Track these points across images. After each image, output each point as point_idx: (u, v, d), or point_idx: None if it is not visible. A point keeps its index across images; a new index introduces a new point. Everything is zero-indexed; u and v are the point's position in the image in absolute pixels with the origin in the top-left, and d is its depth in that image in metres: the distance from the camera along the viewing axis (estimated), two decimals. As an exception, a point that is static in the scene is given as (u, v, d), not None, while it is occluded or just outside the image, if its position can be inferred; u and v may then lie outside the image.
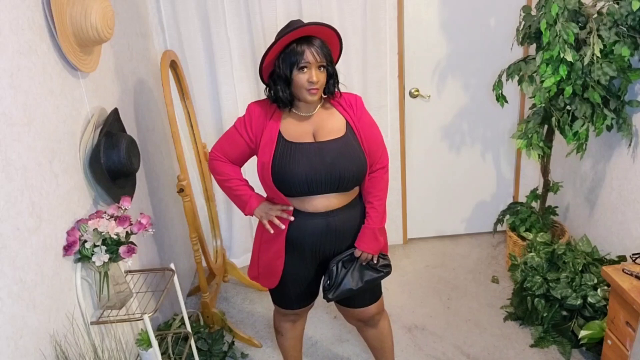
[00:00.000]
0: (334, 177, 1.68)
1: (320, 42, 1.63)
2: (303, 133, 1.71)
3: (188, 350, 2.01)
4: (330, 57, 1.66)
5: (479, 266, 3.06)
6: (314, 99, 1.66)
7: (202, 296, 2.45)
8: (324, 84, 1.67)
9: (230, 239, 3.16)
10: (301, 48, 1.60)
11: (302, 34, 1.61)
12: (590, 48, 2.07)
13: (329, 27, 1.64)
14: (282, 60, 1.63)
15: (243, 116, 1.78)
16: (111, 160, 1.72)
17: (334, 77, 1.70)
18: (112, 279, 1.62)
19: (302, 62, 1.60)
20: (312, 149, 1.69)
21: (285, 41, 1.61)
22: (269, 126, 1.72)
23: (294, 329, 2.08)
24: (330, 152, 1.68)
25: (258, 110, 1.75)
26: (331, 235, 1.77)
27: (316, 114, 1.73)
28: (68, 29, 1.59)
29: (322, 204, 1.73)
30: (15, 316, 1.28)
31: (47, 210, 1.45)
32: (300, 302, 1.95)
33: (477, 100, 3.01)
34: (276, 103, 1.71)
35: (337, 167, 1.68)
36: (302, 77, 1.61)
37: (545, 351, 2.37)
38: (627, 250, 2.34)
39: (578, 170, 2.75)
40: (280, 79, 1.65)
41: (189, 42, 2.72)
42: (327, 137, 1.70)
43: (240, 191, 1.82)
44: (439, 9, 2.82)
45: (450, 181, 3.20)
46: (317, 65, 1.62)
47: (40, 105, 1.46)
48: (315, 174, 1.67)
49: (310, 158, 1.67)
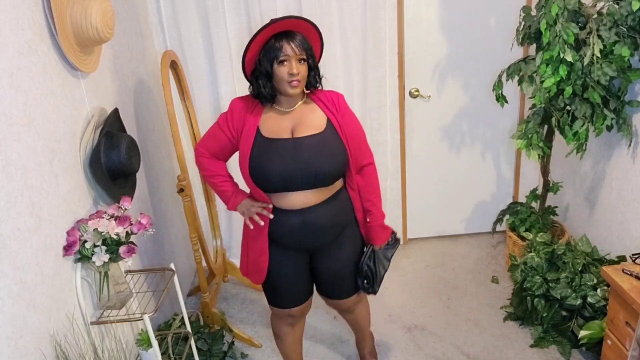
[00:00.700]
0: (310, 174, 1.70)
1: (300, 36, 1.67)
2: (281, 129, 1.73)
3: (188, 350, 2.01)
4: (310, 51, 1.70)
5: (479, 266, 3.06)
6: (296, 92, 1.69)
7: (202, 296, 2.45)
8: (305, 77, 1.70)
9: (230, 239, 3.16)
10: (280, 43, 1.64)
11: (279, 29, 1.65)
12: (590, 48, 2.07)
13: (305, 20, 1.68)
14: (263, 56, 1.67)
15: (226, 112, 1.82)
16: (111, 160, 1.72)
17: (314, 70, 1.73)
18: (112, 279, 1.63)
19: (282, 55, 1.64)
20: (288, 146, 1.71)
21: (263, 37, 1.64)
22: (249, 121, 1.75)
23: (293, 333, 2.08)
24: (306, 148, 1.70)
25: (240, 105, 1.79)
26: (309, 231, 1.79)
27: (297, 109, 1.75)
28: (68, 29, 1.59)
29: (298, 201, 1.75)
30: (16, 316, 1.28)
31: (47, 210, 1.45)
32: (293, 300, 1.96)
33: (477, 100, 3.01)
34: (258, 99, 1.74)
35: (313, 164, 1.69)
36: (282, 70, 1.65)
37: (545, 351, 2.38)
38: (626, 250, 2.34)
39: (578, 171, 2.75)
40: (261, 75, 1.69)
41: (189, 42, 2.72)
42: (305, 133, 1.72)
43: (224, 187, 1.87)
44: (439, 9, 2.82)
45: (450, 181, 3.20)
46: (296, 58, 1.65)
47: (41, 105, 1.46)
48: (290, 171, 1.69)
49: (285, 155, 1.70)
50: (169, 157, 2.77)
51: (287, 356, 2.15)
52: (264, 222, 1.78)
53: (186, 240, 2.90)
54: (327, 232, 1.83)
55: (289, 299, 1.96)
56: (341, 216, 1.85)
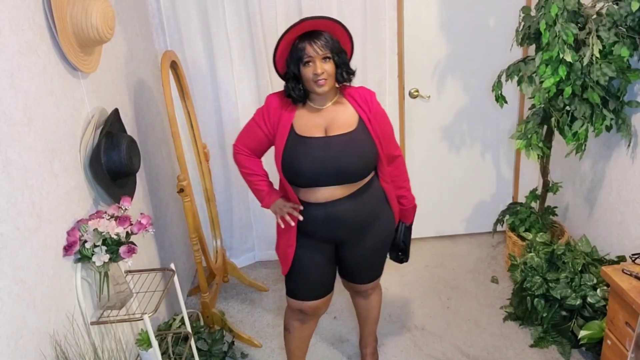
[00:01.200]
0: (338, 172, 1.77)
1: (325, 35, 1.71)
2: (314, 126, 1.79)
3: (188, 350, 2.01)
4: (337, 48, 1.73)
5: (479, 266, 3.06)
6: (324, 90, 1.73)
7: (202, 296, 2.45)
8: (332, 74, 1.74)
9: (230, 239, 3.16)
10: (302, 44, 1.69)
11: (301, 30, 1.70)
12: (589, 49, 2.07)
13: (329, 19, 1.72)
14: (290, 60, 1.74)
15: (261, 107, 1.87)
16: (111, 160, 1.72)
17: (341, 66, 1.76)
18: (112, 279, 1.63)
19: (305, 57, 1.69)
20: (320, 143, 1.77)
21: (289, 38, 1.71)
22: (284, 118, 1.81)
23: (302, 329, 2.10)
24: (336, 146, 1.77)
25: (276, 101, 1.84)
26: (334, 224, 1.86)
27: (329, 108, 1.81)
28: (68, 29, 1.59)
29: (324, 195, 1.82)
30: (16, 316, 1.28)
31: (47, 210, 1.45)
32: (310, 292, 1.99)
33: (476, 100, 3.01)
34: (291, 99, 1.80)
35: (341, 162, 1.76)
36: (307, 70, 1.70)
37: (544, 351, 2.38)
38: (626, 250, 2.34)
39: (577, 171, 2.75)
40: (291, 77, 1.76)
41: (189, 42, 2.72)
42: (337, 132, 1.78)
43: (260, 186, 1.93)
44: (438, 9, 2.82)
45: (450, 181, 3.21)
46: (320, 58, 1.70)
47: (41, 105, 1.46)
48: (319, 168, 1.76)
49: (316, 152, 1.76)
50: (169, 157, 2.77)
51: (291, 352, 2.16)
52: (293, 223, 1.86)
53: (186, 240, 2.90)
54: (350, 224, 1.88)
55: (306, 290, 1.99)
56: (366, 209, 1.90)
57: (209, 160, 2.79)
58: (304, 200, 1.85)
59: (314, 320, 2.11)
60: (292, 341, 2.13)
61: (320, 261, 1.96)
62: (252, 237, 3.23)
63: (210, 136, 2.90)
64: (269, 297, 2.92)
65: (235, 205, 3.07)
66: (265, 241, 3.24)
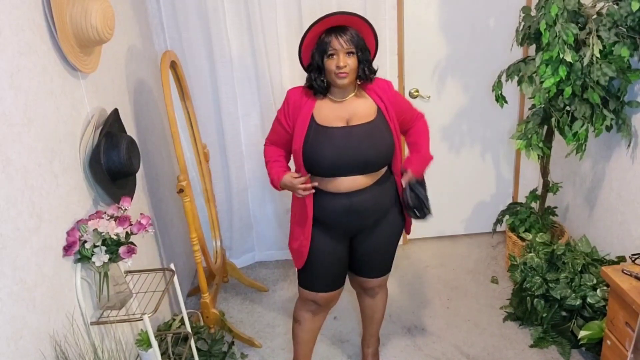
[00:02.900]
0: (359, 160, 1.82)
1: (351, 31, 1.77)
2: (335, 117, 1.84)
3: (188, 350, 2.01)
4: (361, 44, 1.80)
5: (479, 267, 3.06)
6: (344, 82, 1.78)
7: (202, 296, 2.44)
8: (354, 69, 1.80)
9: (230, 239, 3.16)
10: (328, 38, 1.76)
11: (330, 24, 1.77)
12: (589, 49, 2.07)
13: (357, 16, 1.78)
14: (315, 51, 1.80)
15: (282, 105, 1.93)
16: (111, 160, 1.72)
17: (364, 63, 1.82)
18: (112, 279, 1.63)
19: (330, 49, 1.75)
20: (341, 133, 1.82)
21: (317, 31, 1.77)
22: (305, 109, 1.86)
23: (313, 321, 2.12)
24: (356, 135, 1.82)
25: (296, 94, 1.89)
26: (354, 214, 1.89)
27: (350, 100, 1.86)
28: (68, 30, 1.59)
29: (345, 185, 1.85)
30: (15, 316, 1.28)
31: (47, 211, 1.45)
32: (323, 285, 2.02)
33: (476, 100, 3.01)
34: (312, 90, 1.86)
35: (362, 150, 1.81)
36: (331, 62, 1.76)
37: (544, 351, 2.38)
38: (626, 250, 2.34)
39: (577, 171, 2.75)
40: (314, 69, 1.81)
41: (189, 43, 2.72)
42: (358, 122, 1.84)
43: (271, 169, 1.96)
44: (438, 9, 2.82)
45: (449, 182, 3.21)
46: (344, 52, 1.76)
47: (41, 105, 1.46)
48: (340, 157, 1.81)
49: (337, 142, 1.81)
50: (169, 157, 2.77)
51: (299, 345, 2.18)
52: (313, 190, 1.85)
53: (186, 240, 2.90)
54: (370, 214, 1.92)
55: (320, 282, 2.02)
56: (384, 200, 1.94)
57: (208, 161, 2.79)
58: (324, 190, 1.88)
59: (325, 312, 2.14)
60: (302, 333, 2.15)
61: (336, 253, 1.99)
62: (252, 237, 3.23)
63: (210, 136, 2.90)
64: (269, 298, 2.92)
65: (235, 205, 3.07)
66: (265, 241, 3.24)
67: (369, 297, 2.21)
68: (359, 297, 2.26)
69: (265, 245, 3.24)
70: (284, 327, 2.68)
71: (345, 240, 2.00)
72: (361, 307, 2.29)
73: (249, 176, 3.05)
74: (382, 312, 2.27)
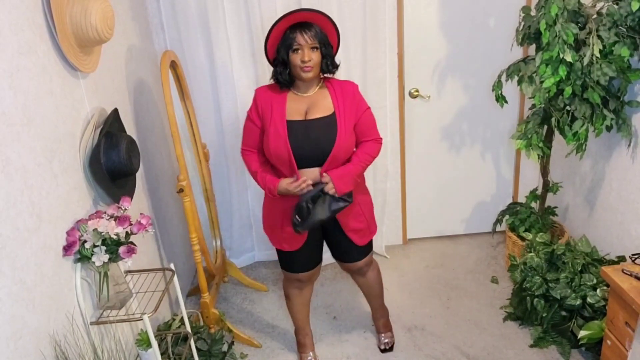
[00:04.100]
0: (318, 152, 1.91)
1: (315, 27, 1.86)
2: (296, 111, 1.94)
3: (188, 350, 2.01)
4: (324, 40, 1.89)
5: (479, 266, 3.06)
6: (309, 76, 1.88)
7: (201, 296, 2.45)
8: (318, 63, 1.89)
9: (230, 239, 3.16)
10: (294, 33, 1.84)
11: (294, 20, 1.84)
12: (589, 48, 2.07)
13: (319, 12, 1.86)
14: (280, 46, 1.88)
15: (251, 105, 2.01)
16: (111, 160, 1.72)
17: (327, 58, 1.91)
18: (111, 279, 1.63)
19: (295, 44, 1.84)
20: (301, 126, 1.92)
21: (282, 27, 1.85)
22: (276, 106, 1.94)
23: (301, 296, 2.30)
24: (314, 129, 1.91)
25: (264, 92, 1.99)
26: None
27: (312, 94, 1.96)
28: (68, 29, 1.59)
29: (309, 176, 1.92)
30: (15, 316, 1.28)
31: (47, 211, 1.45)
32: (302, 266, 2.18)
33: (476, 100, 3.01)
34: (278, 84, 1.95)
35: (320, 143, 1.90)
36: (295, 57, 1.86)
37: (544, 351, 2.38)
38: (626, 250, 2.34)
39: (577, 171, 2.75)
40: (279, 63, 1.90)
41: (189, 42, 2.72)
42: (316, 115, 1.93)
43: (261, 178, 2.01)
44: (438, 9, 2.82)
45: (450, 181, 3.20)
46: (309, 47, 1.85)
47: (40, 105, 1.46)
48: (300, 149, 1.90)
49: (297, 135, 1.90)
50: (169, 157, 2.77)
51: (294, 315, 2.37)
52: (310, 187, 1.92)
53: (186, 240, 2.90)
54: None
55: (298, 265, 2.17)
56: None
57: (208, 160, 2.79)
58: None
59: (310, 285, 2.31)
60: (294, 307, 2.33)
61: (309, 240, 2.10)
62: (252, 237, 3.23)
63: (210, 136, 2.90)
64: (269, 297, 2.92)
65: (235, 205, 3.07)
66: (265, 241, 3.24)
67: (360, 277, 2.32)
68: (353, 278, 2.37)
69: (265, 245, 3.24)
70: (284, 327, 2.68)
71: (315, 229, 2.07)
72: (358, 285, 2.40)
73: (249, 176, 3.04)
74: (378, 285, 2.38)
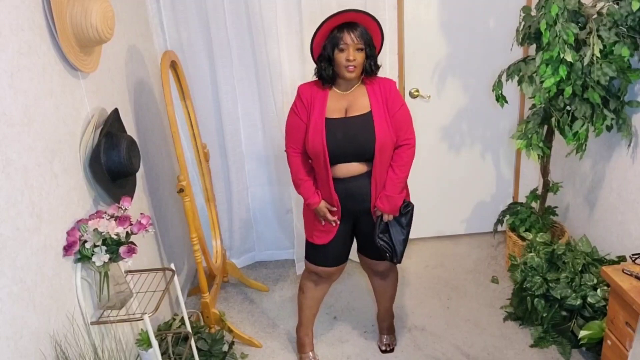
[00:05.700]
0: (356, 149, 1.97)
1: (361, 27, 1.91)
2: (337, 109, 1.99)
3: (188, 350, 2.01)
4: (369, 41, 1.93)
5: (479, 266, 3.06)
6: (352, 76, 1.93)
7: (202, 296, 2.45)
8: (362, 64, 1.94)
9: (230, 239, 3.16)
10: (341, 33, 1.89)
11: (342, 20, 1.89)
12: (590, 48, 2.07)
13: (366, 14, 1.91)
14: (327, 43, 1.93)
15: (294, 102, 2.05)
16: (111, 160, 1.72)
17: (371, 58, 1.96)
18: (112, 279, 1.63)
19: (341, 43, 1.89)
20: (340, 123, 1.97)
21: (330, 26, 1.90)
22: (316, 102, 1.99)
23: (315, 290, 2.30)
24: (353, 126, 1.96)
25: (307, 89, 2.03)
26: (350, 198, 2.04)
27: (352, 92, 2.00)
28: (68, 29, 1.59)
29: (343, 171, 2.00)
30: (15, 316, 1.28)
31: (47, 211, 1.45)
32: (326, 261, 2.19)
33: (477, 100, 3.01)
34: (320, 79, 2.00)
35: (358, 140, 1.96)
36: (341, 56, 1.90)
37: (545, 351, 2.38)
38: (626, 250, 2.34)
39: (578, 171, 2.75)
40: (324, 59, 1.95)
41: (189, 42, 2.72)
42: (355, 113, 1.98)
43: (304, 191, 2.10)
44: (438, 9, 2.82)
45: (450, 181, 3.20)
46: (354, 47, 1.89)
47: (40, 105, 1.46)
48: (337, 146, 1.95)
49: (336, 132, 1.95)
50: (169, 157, 2.77)
51: (302, 310, 2.37)
52: (336, 224, 2.08)
53: (186, 240, 2.90)
54: (366, 198, 2.04)
55: (322, 258, 2.19)
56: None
57: (208, 160, 2.79)
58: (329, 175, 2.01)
59: (327, 284, 2.31)
60: (305, 301, 2.33)
61: (340, 233, 2.12)
62: (252, 237, 3.23)
63: (210, 136, 2.90)
64: (269, 297, 2.92)
65: (235, 205, 3.07)
66: (265, 241, 3.24)
67: (380, 279, 2.33)
68: (370, 278, 2.38)
69: (265, 245, 3.24)
70: (284, 327, 2.68)
71: (349, 222, 2.13)
72: (372, 287, 2.41)
73: (249, 176, 3.05)
74: (394, 289, 2.38)
